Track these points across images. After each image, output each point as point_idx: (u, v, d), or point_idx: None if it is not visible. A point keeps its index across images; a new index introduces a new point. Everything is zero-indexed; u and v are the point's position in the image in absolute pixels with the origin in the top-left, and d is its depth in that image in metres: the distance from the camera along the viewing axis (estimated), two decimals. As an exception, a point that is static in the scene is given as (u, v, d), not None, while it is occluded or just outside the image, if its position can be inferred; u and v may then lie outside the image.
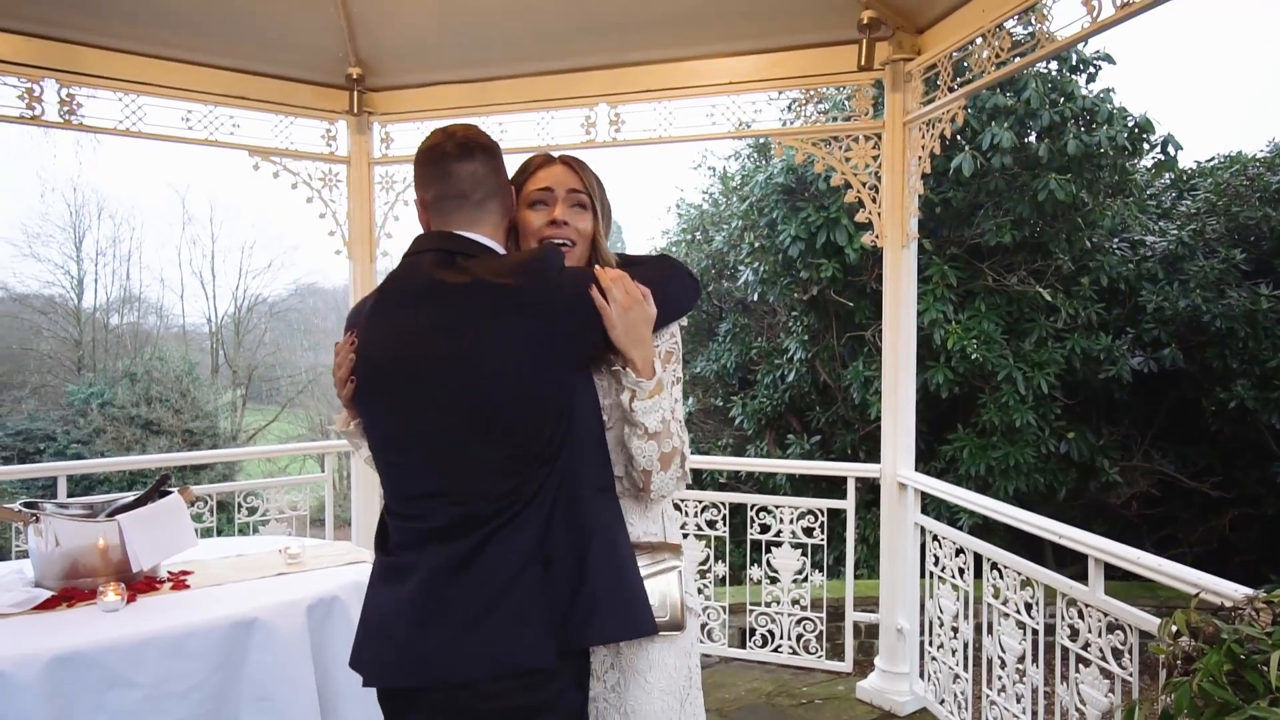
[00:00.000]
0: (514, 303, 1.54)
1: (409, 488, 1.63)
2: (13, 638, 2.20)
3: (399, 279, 1.68)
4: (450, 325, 1.55)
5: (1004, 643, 3.17)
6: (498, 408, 1.53)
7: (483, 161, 1.69)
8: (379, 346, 1.64)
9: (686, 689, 1.77)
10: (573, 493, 1.57)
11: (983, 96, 6.51)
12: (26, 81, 3.65)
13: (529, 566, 1.51)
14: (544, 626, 1.50)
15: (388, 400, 1.63)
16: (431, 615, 1.53)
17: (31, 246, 20.54)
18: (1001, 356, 6.60)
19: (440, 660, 1.52)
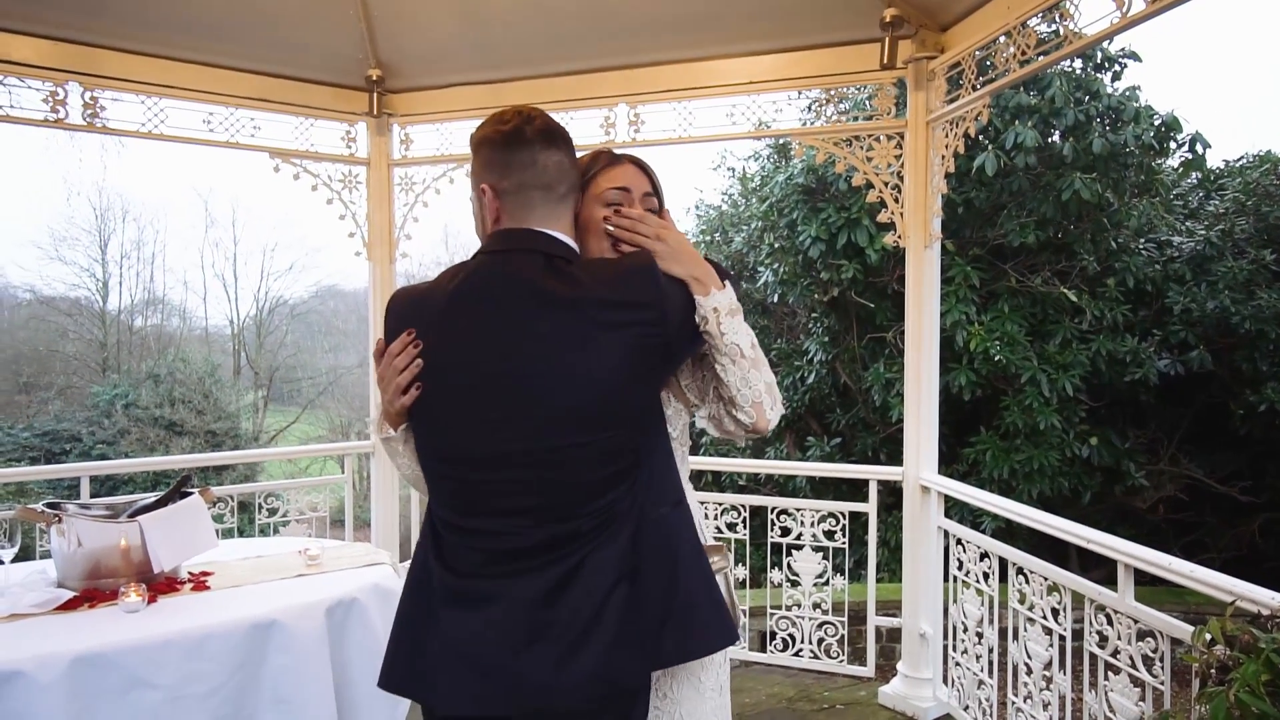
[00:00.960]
0: (629, 319, 1.47)
1: (492, 505, 1.50)
2: (35, 638, 2.21)
3: (482, 281, 1.53)
4: (558, 338, 1.46)
5: (1030, 649, 3.12)
6: (602, 424, 1.47)
7: (566, 152, 1.60)
8: (463, 355, 1.51)
9: (725, 683, 1.78)
10: (654, 506, 1.52)
11: (1006, 95, 6.44)
12: (51, 85, 3.68)
13: (620, 584, 1.46)
14: (636, 645, 1.46)
15: (475, 415, 1.50)
16: (532, 640, 1.44)
17: (58, 250, 20.84)
18: (1025, 358, 6.52)
19: (538, 687, 1.43)
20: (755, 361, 1.60)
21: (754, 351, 1.60)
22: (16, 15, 3.56)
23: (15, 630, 2.27)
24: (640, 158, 1.80)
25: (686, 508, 1.62)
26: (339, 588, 2.65)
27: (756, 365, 1.60)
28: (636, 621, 1.46)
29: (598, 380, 1.45)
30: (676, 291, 1.54)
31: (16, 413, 17.35)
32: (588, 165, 1.77)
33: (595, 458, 1.47)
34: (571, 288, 1.48)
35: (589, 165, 1.77)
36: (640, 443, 1.52)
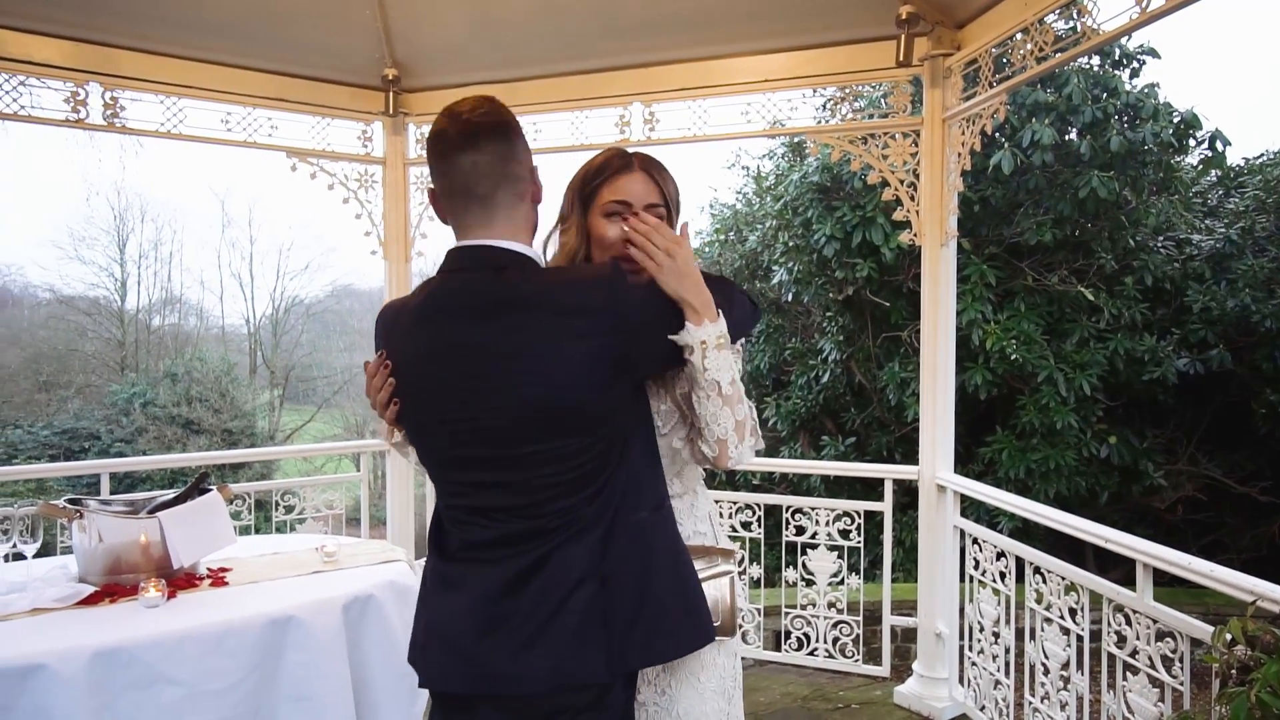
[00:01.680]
0: (584, 328, 1.45)
1: (474, 501, 1.56)
2: (57, 632, 2.23)
3: (440, 299, 1.56)
4: (512, 350, 1.47)
5: (1047, 649, 3.10)
6: (559, 431, 1.48)
7: (492, 149, 1.52)
8: (428, 369, 1.55)
9: (733, 689, 1.78)
10: (630, 510, 1.53)
11: (1022, 93, 6.40)
12: (72, 85, 3.72)
13: (585, 583, 1.48)
14: (598, 644, 1.48)
15: (442, 424, 1.55)
16: (493, 627, 1.51)
17: (77, 249, 21.03)
18: (1042, 357, 6.48)
19: (500, 672, 1.50)
20: (730, 399, 1.59)
21: (732, 389, 1.58)
22: (39, 17, 3.59)
23: (37, 624, 2.30)
24: (655, 161, 1.77)
25: (668, 511, 1.62)
26: (356, 584, 2.67)
27: (730, 403, 1.59)
28: (601, 621, 1.48)
29: (554, 389, 1.45)
30: (650, 305, 1.53)
31: (36, 411, 17.52)
32: (597, 169, 1.75)
33: (556, 463, 1.48)
34: (521, 300, 1.48)
35: (599, 169, 1.75)
36: (606, 448, 1.51)
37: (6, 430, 15.70)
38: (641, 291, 1.53)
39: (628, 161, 1.74)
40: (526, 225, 1.58)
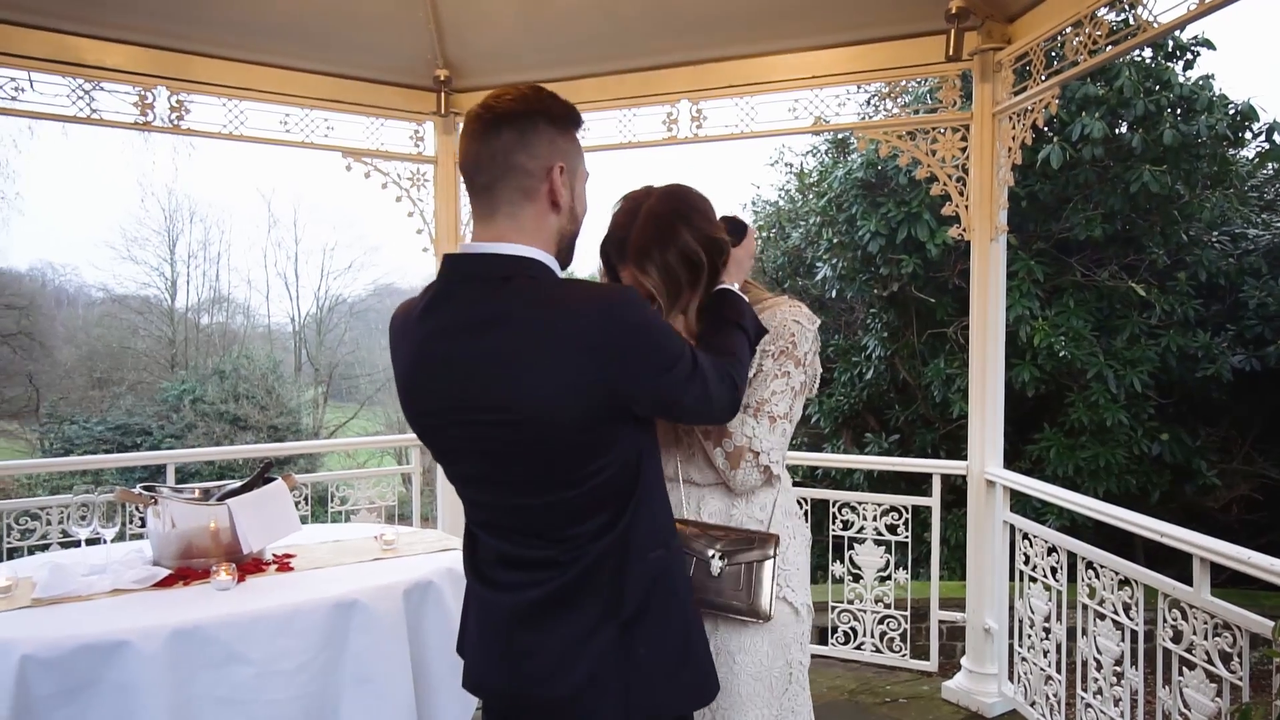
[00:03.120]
0: (578, 349, 1.35)
1: (485, 517, 1.55)
2: (137, 611, 2.33)
3: (437, 307, 1.46)
4: (503, 366, 1.37)
5: (1100, 644, 3.09)
6: (558, 452, 1.40)
7: (500, 137, 1.42)
8: (424, 381, 1.48)
9: (784, 683, 1.78)
10: (645, 547, 1.48)
11: (1072, 86, 6.32)
12: (140, 89, 3.86)
13: (603, 626, 1.44)
14: (614, 693, 1.45)
15: (445, 438, 1.50)
16: (516, 654, 1.50)
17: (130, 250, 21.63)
18: (1091, 354, 6.39)
19: (526, 694, 1.50)
20: (718, 436, 1.77)
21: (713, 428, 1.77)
22: (111, 24, 3.73)
23: (119, 604, 2.40)
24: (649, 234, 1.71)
25: (677, 548, 1.58)
26: (415, 571, 2.74)
27: (719, 438, 1.77)
28: (618, 670, 1.45)
29: (544, 412, 1.37)
30: (647, 340, 1.41)
31: (91, 407, 18.03)
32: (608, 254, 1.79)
33: (558, 489, 1.43)
34: (516, 317, 1.38)
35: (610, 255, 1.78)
36: (611, 475, 1.44)
37: (63, 425, 16.18)
38: (644, 324, 1.41)
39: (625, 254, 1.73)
40: (535, 226, 1.46)
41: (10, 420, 18.24)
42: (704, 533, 1.78)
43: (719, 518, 1.81)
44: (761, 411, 1.76)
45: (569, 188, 1.48)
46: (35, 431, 17.34)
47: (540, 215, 1.45)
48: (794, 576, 1.83)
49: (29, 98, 3.67)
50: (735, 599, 1.73)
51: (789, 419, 1.79)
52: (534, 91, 1.47)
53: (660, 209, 1.73)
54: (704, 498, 1.83)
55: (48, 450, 16.10)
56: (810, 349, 1.84)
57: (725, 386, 1.55)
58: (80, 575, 2.53)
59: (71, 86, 3.75)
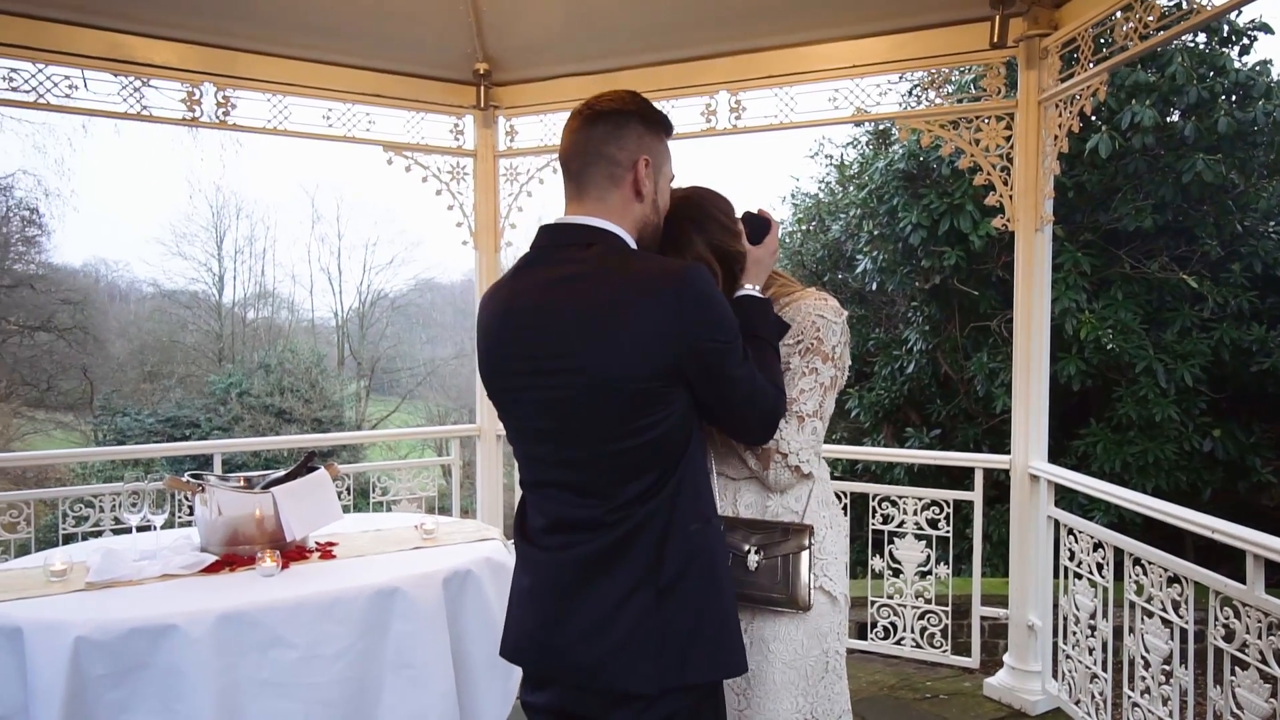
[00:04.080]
0: (647, 313, 1.47)
1: (543, 476, 1.62)
2: (185, 596, 2.39)
3: (525, 267, 1.62)
4: (577, 319, 1.50)
5: (1148, 642, 3.02)
6: (620, 408, 1.49)
7: (596, 129, 1.59)
8: (510, 345, 1.60)
9: (820, 672, 1.78)
10: (686, 519, 1.54)
11: (1122, 73, 6.18)
12: (188, 86, 3.94)
13: (639, 590, 1.50)
14: (649, 656, 1.49)
15: (519, 397, 1.60)
16: (556, 619, 1.56)
17: (179, 246, 22.13)
18: (1140, 347, 6.26)
19: (563, 662, 1.56)
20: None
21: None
22: (160, 22, 3.81)
23: (167, 588, 2.46)
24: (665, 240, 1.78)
25: (717, 526, 1.62)
26: (454, 560, 2.76)
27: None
28: (656, 634, 1.49)
29: (611, 366, 1.47)
30: (711, 313, 1.51)
31: (143, 400, 18.49)
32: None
33: (612, 442, 1.51)
34: (595, 275, 1.51)
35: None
36: (663, 441, 1.51)
37: (116, 418, 16.62)
38: (713, 296, 1.52)
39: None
40: (621, 210, 1.60)
41: (66, 412, 18.77)
42: (739, 527, 1.79)
43: (754, 510, 1.82)
44: (790, 412, 1.75)
45: (652, 181, 1.62)
46: (90, 423, 17.82)
47: (625, 201, 1.60)
48: (831, 566, 1.82)
49: (83, 96, 3.76)
50: (774, 591, 1.73)
51: (819, 416, 1.78)
52: (631, 95, 1.64)
53: (676, 214, 1.75)
54: (739, 491, 1.83)
55: (101, 441, 16.56)
56: (839, 342, 1.81)
57: (768, 401, 1.63)
58: (131, 560, 2.60)
59: (123, 84, 3.83)
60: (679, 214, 1.75)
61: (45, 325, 18.31)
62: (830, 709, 1.80)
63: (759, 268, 1.81)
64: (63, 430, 18.32)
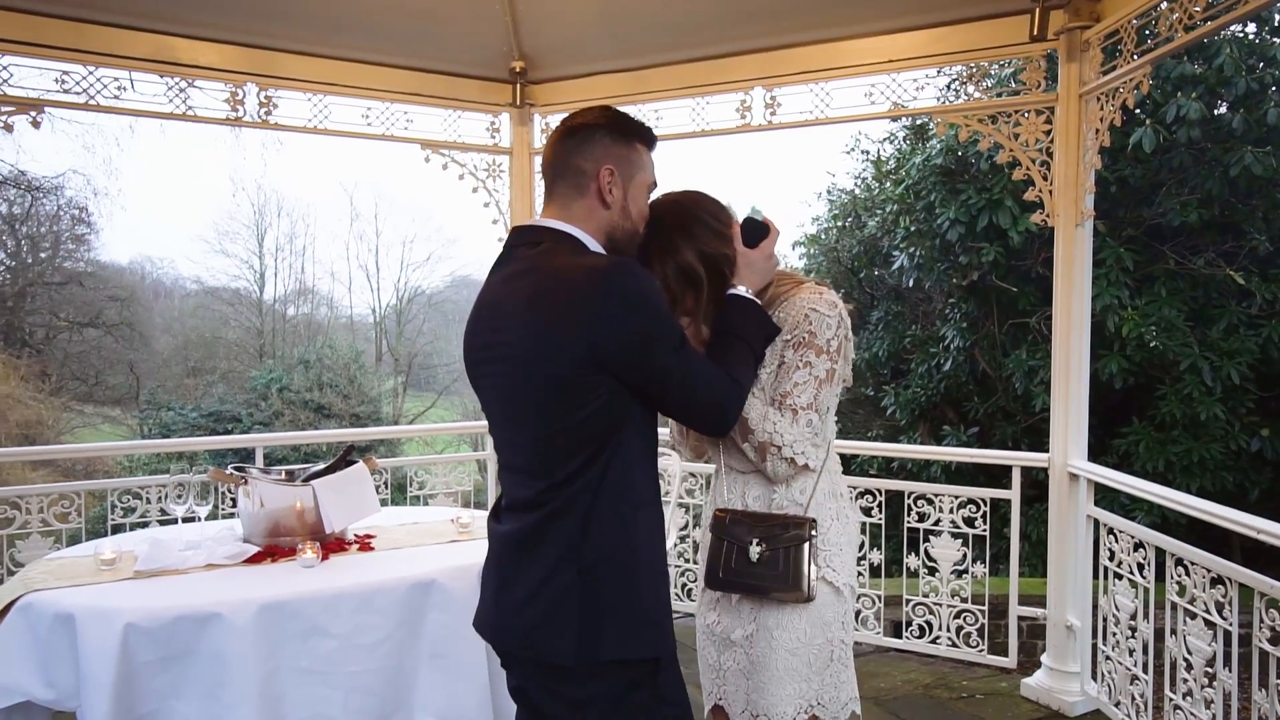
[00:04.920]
0: (564, 298, 1.56)
1: (502, 458, 1.75)
2: (229, 585, 2.45)
3: (493, 268, 1.76)
4: (519, 313, 1.61)
5: (1190, 644, 2.97)
6: (551, 396, 1.58)
7: (567, 142, 1.71)
8: (471, 332, 1.75)
9: (825, 661, 1.82)
10: (614, 501, 1.60)
11: (1167, 65, 6.06)
12: (231, 86, 4.01)
13: (562, 567, 1.59)
14: (570, 629, 1.58)
15: (481, 379, 1.74)
16: (499, 587, 1.70)
17: (221, 243, 22.56)
18: (1184, 345, 6.14)
19: (502, 626, 1.69)
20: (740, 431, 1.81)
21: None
22: (204, 24, 3.89)
23: (212, 578, 2.53)
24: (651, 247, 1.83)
25: (651, 511, 1.68)
26: (490, 553, 2.79)
27: (741, 434, 1.81)
28: (575, 609, 1.58)
29: (541, 357, 1.57)
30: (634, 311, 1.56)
31: (186, 395, 18.87)
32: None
33: (544, 426, 1.60)
34: (536, 271, 1.62)
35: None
36: (593, 429, 1.58)
37: (161, 412, 16.98)
38: (632, 291, 1.56)
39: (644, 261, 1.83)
40: (584, 215, 1.69)
41: (114, 406, 19.22)
42: (743, 519, 1.83)
43: (761, 503, 1.85)
44: (784, 405, 1.78)
45: (620, 189, 1.71)
46: (135, 417, 18.23)
47: (589, 208, 1.70)
48: (835, 557, 1.84)
49: (131, 97, 3.85)
50: (776, 583, 1.77)
51: (814, 409, 1.78)
52: (603, 110, 1.74)
53: (665, 220, 1.79)
54: (747, 484, 1.87)
55: (146, 434, 16.93)
56: (834, 335, 1.81)
57: (711, 394, 1.67)
58: (177, 550, 2.67)
59: (169, 85, 3.92)
60: (666, 221, 1.79)
61: (93, 321, 18.77)
62: (836, 696, 1.83)
63: (751, 270, 1.82)
64: (110, 424, 18.76)
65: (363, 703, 2.44)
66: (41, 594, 2.35)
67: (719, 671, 1.88)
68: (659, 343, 1.59)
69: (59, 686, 2.25)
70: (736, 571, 1.80)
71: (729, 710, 1.87)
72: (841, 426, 8.98)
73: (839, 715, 1.84)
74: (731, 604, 1.86)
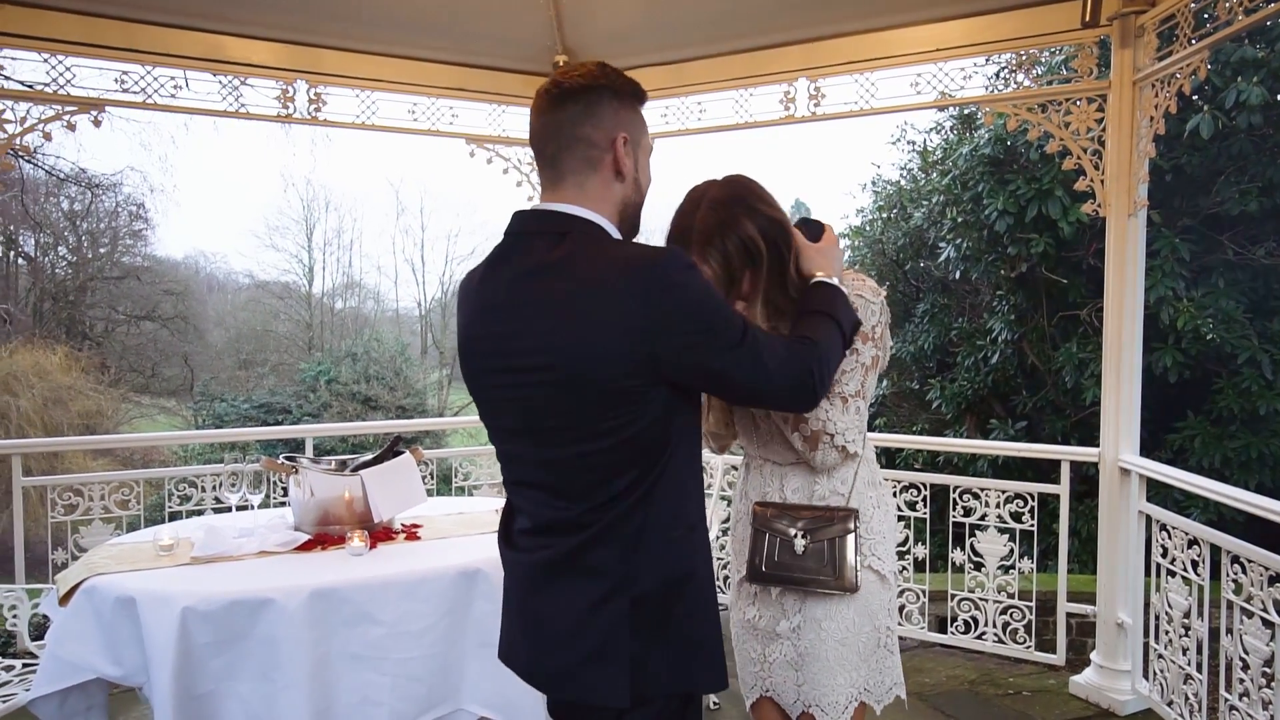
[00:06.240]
0: (618, 304, 1.36)
1: (518, 476, 1.55)
2: (281, 572, 2.52)
3: (495, 260, 1.53)
4: (547, 314, 1.41)
5: (1247, 643, 2.90)
6: (590, 406, 1.40)
7: (565, 110, 1.47)
8: (473, 330, 1.54)
9: (872, 648, 1.83)
10: (665, 524, 1.45)
11: (1226, 49, 5.87)
12: (282, 84, 4.10)
13: (614, 598, 1.43)
14: (622, 667, 1.42)
15: (487, 389, 1.54)
16: (529, 626, 1.53)
17: (271, 238, 23.03)
18: (1243, 337, 5.96)
19: (538, 670, 1.53)
20: (790, 421, 1.80)
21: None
22: (255, 23, 3.98)
23: (265, 565, 2.59)
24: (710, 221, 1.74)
25: (702, 534, 1.53)
26: (534, 543, 2.83)
27: (793, 423, 1.80)
28: (628, 644, 1.42)
29: (580, 363, 1.38)
30: (687, 303, 1.39)
31: (238, 386, 19.33)
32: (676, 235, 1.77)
33: (583, 443, 1.42)
34: (566, 267, 1.41)
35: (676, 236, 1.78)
36: (641, 442, 1.42)
37: (214, 403, 17.41)
38: (685, 284, 1.39)
39: (688, 243, 1.74)
40: (600, 194, 1.50)
41: (169, 398, 19.75)
42: (785, 512, 1.83)
43: (802, 495, 1.85)
44: (834, 393, 1.78)
45: (632, 157, 1.52)
46: (190, 408, 18.72)
47: (605, 183, 1.50)
48: (879, 545, 1.85)
49: (186, 95, 3.95)
50: (821, 574, 1.78)
51: (861, 396, 1.80)
52: (599, 67, 1.51)
53: (722, 196, 1.75)
54: (786, 476, 1.87)
55: (200, 425, 17.37)
56: (878, 322, 1.82)
57: (792, 368, 1.50)
58: (232, 538, 2.74)
59: (222, 83, 4.01)
60: (725, 196, 1.75)
61: (150, 315, 19.30)
62: (882, 681, 1.85)
63: (826, 258, 1.78)
64: (165, 415, 19.28)
65: (410, 689, 2.48)
66: (104, 578, 2.44)
67: (764, 664, 1.88)
68: (722, 336, 1.42)
69: (125, 664, 2.34)
70: (780, 564, 1.80)
71: (780, 701, 1.87)
72: (886, 420, 8.89)
73: (884, 699, 1.86)
74: (772, 597, 1.86)
